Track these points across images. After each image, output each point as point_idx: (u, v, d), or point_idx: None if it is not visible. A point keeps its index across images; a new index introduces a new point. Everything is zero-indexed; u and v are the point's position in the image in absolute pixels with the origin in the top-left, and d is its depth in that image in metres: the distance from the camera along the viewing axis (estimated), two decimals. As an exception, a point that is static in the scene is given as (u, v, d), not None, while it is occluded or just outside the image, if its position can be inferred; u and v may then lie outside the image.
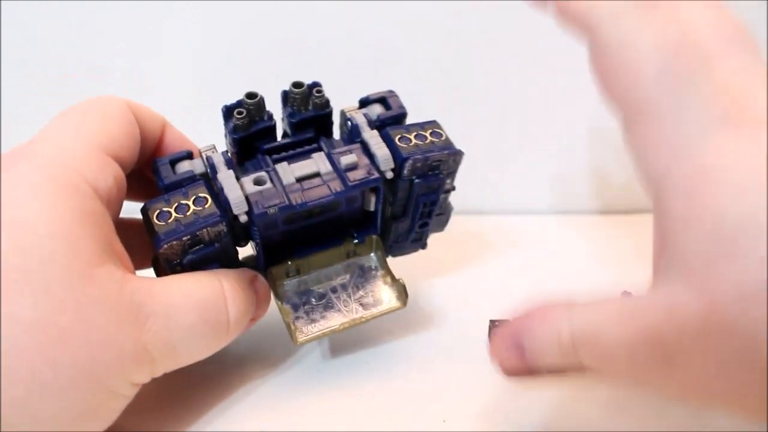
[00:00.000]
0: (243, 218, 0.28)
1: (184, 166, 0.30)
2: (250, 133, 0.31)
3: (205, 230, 0.28)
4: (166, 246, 0.27)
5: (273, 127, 0.31)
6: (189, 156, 0.30)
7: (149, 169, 0.31)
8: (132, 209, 0.32)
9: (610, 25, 0.23)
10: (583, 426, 0.29)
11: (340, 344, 0.35)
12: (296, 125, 0.31)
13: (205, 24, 0.46)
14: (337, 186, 0.29)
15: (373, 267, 0.34)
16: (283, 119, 0.33)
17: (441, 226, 0.37)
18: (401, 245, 0.36)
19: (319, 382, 0.32)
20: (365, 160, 0.30)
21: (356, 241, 0.33)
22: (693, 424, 0.29)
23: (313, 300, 0.32)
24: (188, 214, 0.28)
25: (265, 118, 0.31)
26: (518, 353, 0.25)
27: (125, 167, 0.28)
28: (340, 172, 0.30)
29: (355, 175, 0.29)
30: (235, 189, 0.28)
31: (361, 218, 0.33)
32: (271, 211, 0.28)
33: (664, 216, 0.23)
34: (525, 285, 0.40)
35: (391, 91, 0.33)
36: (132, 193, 0.31)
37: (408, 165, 0.30)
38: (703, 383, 0.22)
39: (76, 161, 0.26)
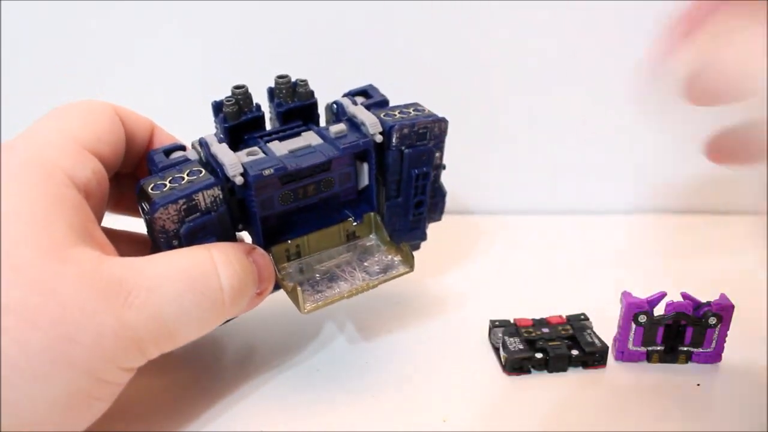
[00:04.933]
0: (239, 180, 0.28)
1: (178, 154, 0.30)
2: (240, 122, 0.31)
3: (201, 195, 0.28)
4: (161, 209, 0.27)
5: (262, 117, 0.32)
6: (182, 148, 0.31)
7: (142, 172, 0.31)
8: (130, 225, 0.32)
9: None
10: (583, 426, 0.29)
11: (340, 344, 0.35)
12: (284, 114, 0.32)
13: (201, 29, 0.46)
14: (329, 151, 0.30)
15: (374, 245, 0.33)
16: (270, 119, 0.33)
17: (438, 213, 0.37)
18: (400, 234, 0.35)
19: (319, 382, 0.32)
20: (354, 131, 0.31)
21: (354, 223, 0.33)
22: (693, 424, 0.29)
23: (317, 276, 0.32)
24: (183, 183, 0.28)
25: (254, 109, 0.31)
26: None
27: (108, 163, 0.28)
28: (330, 141, 0.31)
29: (345, 141, 0.30)
30: (230, 153, 0.29)
31: (356, 201, 0.33)
32: (267, 172, 0.28)
33: None
34: (525, 285, 0.40)
35: (370, 85, 0.34)
36: (129, 202, 0.31)
37: (395, 132, 0.31)
38: None
39: (53, 153, 0.26)
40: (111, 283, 0.24)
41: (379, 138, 0.31)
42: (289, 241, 0.31)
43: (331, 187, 0.32)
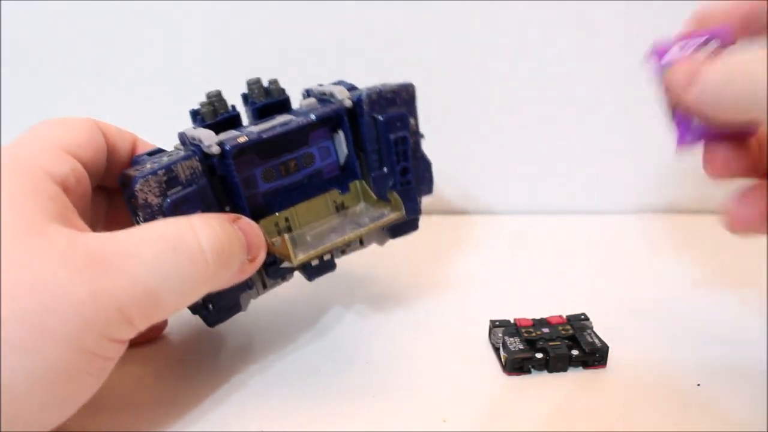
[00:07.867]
0: (215, 149, 0.29)
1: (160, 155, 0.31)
2: (217, 121, 0.32)
3: (179, 166, 0.29)
4: (142, 180, 0.28)
5: (238, 116, 0.33)
6: (164, 151, 0.32)
7: None
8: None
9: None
10: (583, 426, 0.29)
11: (340, 343, 0.35)
12: (259, 111, 0.33)
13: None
14: (302, 118, 0.31)
15: (364, 208, 0.34)
16: (248, 123, 0.34)
17: (426, 184, 0.37)
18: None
19: (318, 381, 0.32)
20: (324, 104, 0.32)
21: (341, 192, 0.33)
22: (693, 423, 0.29)
23: (308, 239, 0.32)
24: (163, 161, 0.29)
25: (230, 110, 0.32)
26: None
27: (88, 167, 0.29)
28: (303, 113, 0.32)
29: (317, 110, 0.32)
30: (206, 130, 0.30)
31: (341, 176, 0.34)
32: (241, 140, 0.30)
33: None
34: (525, 285, 0.40)
35: (340, 81, 0.35)
36: (121, 216, 0.31)
37: (365, 99, 0.32)
38: None
39: (33, 153, 0.27)
40: (87, 253, 0.24)
41: (348, 102, 0.32)
42: (277, 214, 0.32)
43: (312, 163, 0.33)
